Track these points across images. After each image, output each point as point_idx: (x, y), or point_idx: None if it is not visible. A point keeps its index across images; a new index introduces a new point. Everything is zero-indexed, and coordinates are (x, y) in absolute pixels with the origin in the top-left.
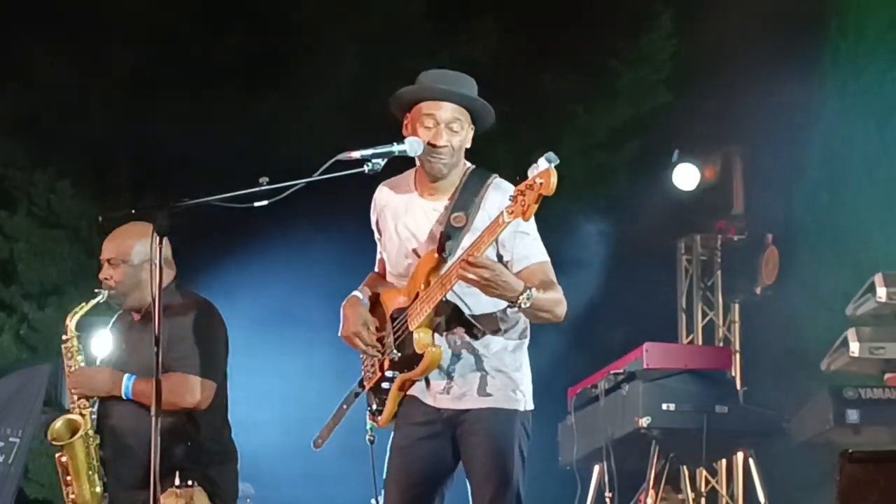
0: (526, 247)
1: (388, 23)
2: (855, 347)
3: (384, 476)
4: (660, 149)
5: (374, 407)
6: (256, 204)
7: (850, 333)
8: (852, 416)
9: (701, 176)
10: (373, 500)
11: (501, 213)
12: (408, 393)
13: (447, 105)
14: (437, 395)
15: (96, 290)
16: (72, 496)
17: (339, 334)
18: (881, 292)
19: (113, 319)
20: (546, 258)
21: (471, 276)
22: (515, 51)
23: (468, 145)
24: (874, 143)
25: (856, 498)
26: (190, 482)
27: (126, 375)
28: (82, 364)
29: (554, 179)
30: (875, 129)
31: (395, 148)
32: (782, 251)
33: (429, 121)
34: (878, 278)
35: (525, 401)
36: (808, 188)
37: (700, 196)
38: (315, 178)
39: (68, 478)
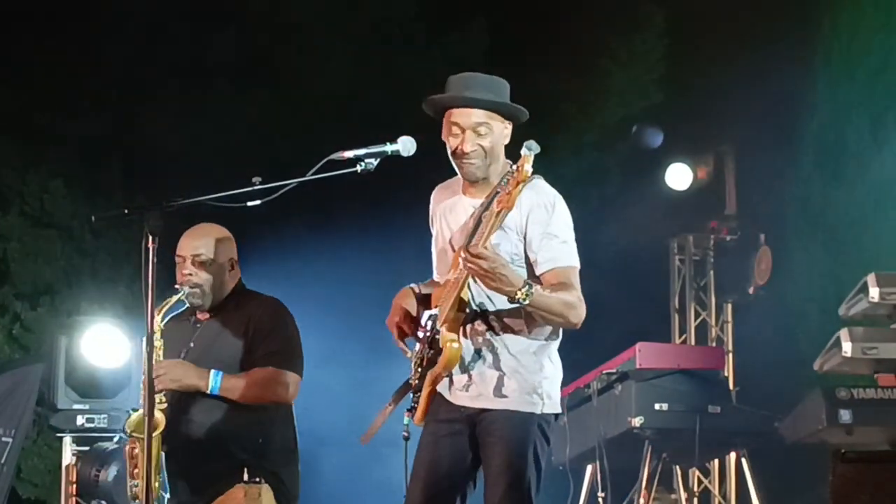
0: (552, 249)
1: (381, 22)
2: (847, 347)
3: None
4: (652, 149)
5: (412, 403)
6: (249, 203)
7: (843, 333)
8: (845, 416)
9: (693, 176)
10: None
11: (493, 201)
12: (437, 390)
13: (473, 112)
14: (457, 392)
15: (176, 287)
16: (135, 489)
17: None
18: (874, 292)
19: (164, 320)
20: (573, 263)
21: (470, 265)
22: (507, 51)
23: (506, 142)
24: (867, 142)
25: (848, 498)
26: (258, 479)
27: (213, 371)
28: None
29: (527, 166)
30: (868, 129)
31: (388, 148)
32: (775, 251)
33: (455, 128)
34: (870, 278)
35: (544, 404)
36: (801, 188)
37: (693, 196)
38: (308, 177)
39: (136, 470)
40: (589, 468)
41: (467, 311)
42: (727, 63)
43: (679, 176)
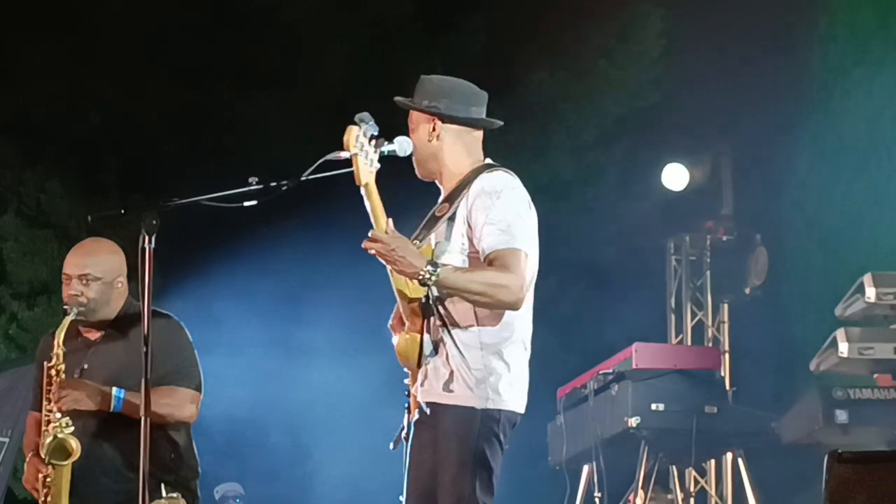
0: (491, 236)
1: (377, 22)
2: (844, 348)
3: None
4: (649, 149)
5: (407, 402)
6: (246, 204)
7: (839, 334)
8: (841, 416)
9: (690, 176)
10: (400, 497)
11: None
12: None
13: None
14: (419, 388)
15: (65, 307)
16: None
17: None
18: (870, 293)
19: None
20: (513, 246)
21: (371, 252)
22: (504, 51)
23: (434, 141)
24: (863, 142)
25: (844, 498)
26: (175, 494)
27: (114, 389)
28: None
29: (344, 137)
30: (864, 129)
31: (385, 148)
32: (771, 251)
33: None
34: (867, 279)
35: (489, 399)
36: (798, 188)
37: (689, 196)
38: (304, 177)
39: (48, 498)
40: (585, 468)
41: (418, 303)
42: (724, 63)
43: (675, 176)
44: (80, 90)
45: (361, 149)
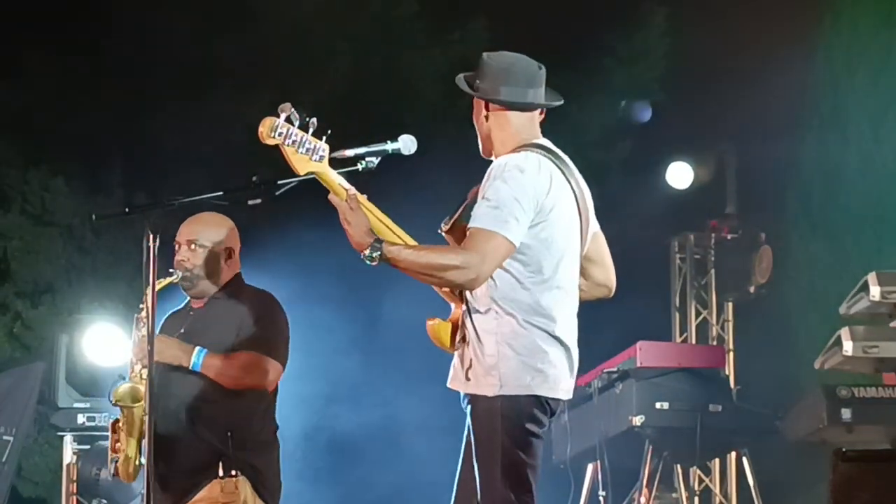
0: (477, 209)
1: (381, 22)
2: (848, 346)
3: None
4: (653, 148)
5: None
6: (250, 202)
7: (844, 332)
8: (846, 414)
9: (694, 174)
10: None
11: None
12: None
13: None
14: (450, 374)
15: (171, 270)
16: (117, 463)
17: None
18: (875, 291)
19: (163, 321)
20: (486, 225)
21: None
22: (508, 49)
23: (490, 122)
24: (867, 141)
25: (848, 496)
26: (234, 472)
27: (197, 348)
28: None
29: (259, 129)
30: (868, 128)
31: (389, 146)
32: (776, 250)
33: None
34: (871, 277)
35: (501, 386)
36: (802, 187)
37: (693, 195)
38: (307, 175)
39: (118, 444)
40: (590, 467)
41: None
42: (728, 61)
43: (680, 174)
44: (84, 88)
45: (288, 139)
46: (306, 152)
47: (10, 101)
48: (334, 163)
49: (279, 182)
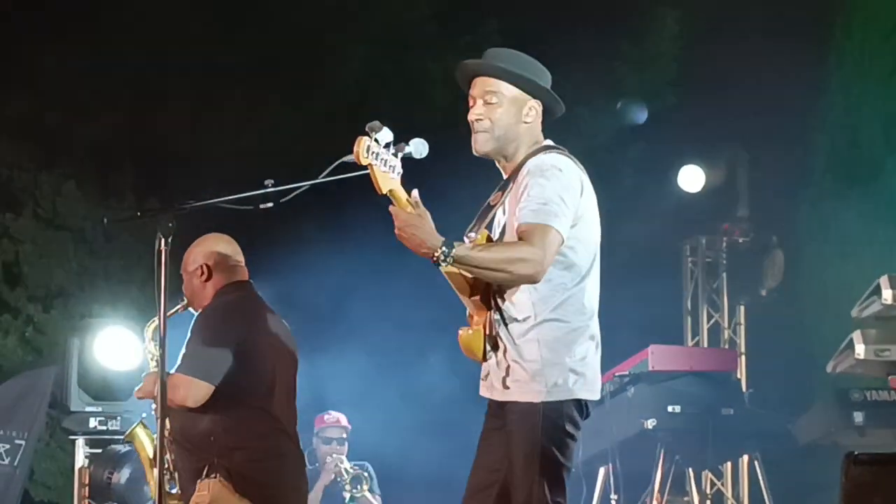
0: (524, 209)
1: (393, 25)
2: (860, 349)
3: None
4: (665, 151)
5: None
6: (262, 206)
7: (856, 335)
8: (858, 418)
9: (706, 178)
10: None
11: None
12: None
13: (487, 80)
14: (482, 383)
15: (182, 300)
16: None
17: None
18: (887, 294)
19: None
20: (540, 220)
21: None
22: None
23: (528, 120)
24: (879, 144)
25: (860, 500)
26: (214, 475)
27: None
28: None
29: (354, 148)
30: (880, 131)
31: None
32: (787, 253)
33: (470, 99)
34: (883, 280)
35: (548, 391)
36: (814, 190)
37: (705, 198)
38: (320, 179)
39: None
40: (602, 470)
41: (479, 297)
42: (740, 65)
43: (692, 178)
44: (96, 92)
45: (376, 158)
46: (390, 170)
47: (22, 105)
48: (346, 166)
49: (292, 186)
